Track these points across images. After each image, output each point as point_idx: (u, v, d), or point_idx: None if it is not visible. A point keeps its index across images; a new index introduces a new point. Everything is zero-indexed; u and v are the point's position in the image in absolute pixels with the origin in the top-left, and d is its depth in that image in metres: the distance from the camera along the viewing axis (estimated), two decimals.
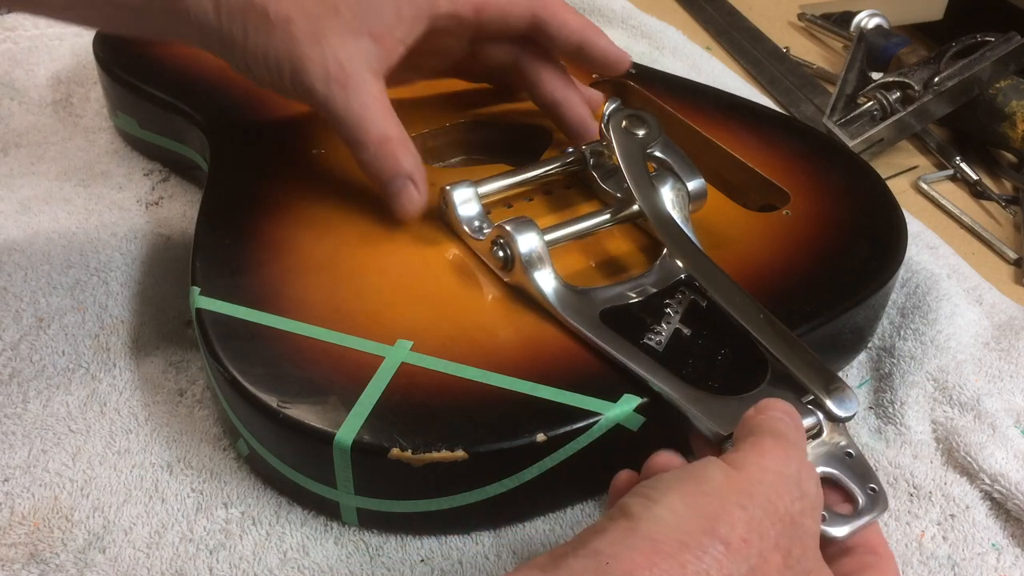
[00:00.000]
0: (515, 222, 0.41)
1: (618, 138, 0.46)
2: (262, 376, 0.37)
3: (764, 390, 0.37)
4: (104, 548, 0.37)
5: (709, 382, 0.37)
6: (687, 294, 0.41)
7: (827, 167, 0.52)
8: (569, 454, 0.36)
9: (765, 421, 0.31)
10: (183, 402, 0.43)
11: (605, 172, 0.47)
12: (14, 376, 0.44)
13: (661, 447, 0.40)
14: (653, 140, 0.46)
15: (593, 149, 0.48)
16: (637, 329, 0.39)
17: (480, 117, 0.55)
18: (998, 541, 0.39)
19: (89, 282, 0.49)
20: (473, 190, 0.44)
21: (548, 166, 0.48)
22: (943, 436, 0.43)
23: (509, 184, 0.47)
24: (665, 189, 0.44)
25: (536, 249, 0.40)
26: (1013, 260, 0.56)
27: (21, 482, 0.39)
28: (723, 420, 0.35)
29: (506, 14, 0.45)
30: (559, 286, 0.40)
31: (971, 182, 0.62)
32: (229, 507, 0.39)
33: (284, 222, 0.45)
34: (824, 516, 0.31)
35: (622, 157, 0.45)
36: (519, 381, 0.37)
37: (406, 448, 0.35)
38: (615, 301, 0.41)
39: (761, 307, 0.39)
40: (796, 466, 0.30)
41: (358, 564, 0.37)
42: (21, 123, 0.61)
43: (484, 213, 0.44)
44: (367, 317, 0.40)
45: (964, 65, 0.62)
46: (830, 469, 0.34)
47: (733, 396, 0.37)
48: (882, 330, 0.48)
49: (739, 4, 0.82)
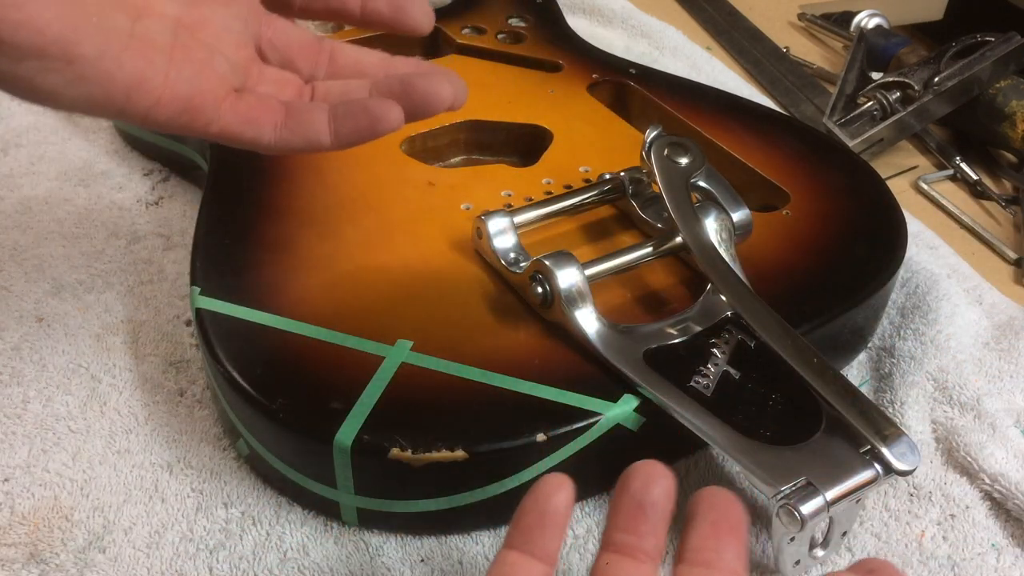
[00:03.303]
0: (554, 256, 0.39)
1: (660, 166, 0.44)
2: (262, 376, 0.37)
3: (819, 440, 0.35)
4: (104, 548, 0.37)
5: (761, 430, 0.35)
6: (734, 333, 0.39)
7: (827, 167, 0.52)
8: (569, 454, 0.36)
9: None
10: (183, 402, 0.43)
11: (644, 201, 0.46)
12: (14, 376, 0.44)
13: (661, 447, 0.40)
14: (696, 169, 0.44)
15: (632, 176, 0.46)
16: (683, 371, 0.37)
17: (480, 117, 0.55)
18: (998, 541, 0.39)
19: (89, 282, 0.49)
20: (509, 220, 0.43)
21: (585, 194, 0.46)
22: (943, 436, 0.43)
23: (545, 213, 0.45)
24: (709, 221, 0.42)
25: (576, 285, 0.38)
26: (1013, 260, 0.56)
27: (21, 482, 0.39)
28: (778, 473, 0.34)
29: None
30: (601, 327, 0.39)
31: (971, 182, 0.62)
32: (229, 507, 0.39)
33: (284, 222, 0.45)
34: None
35: (664, 187, 0.43)
36: (519, 381, 0.37)
37: (406, 448, 0.35)
38: (658, 340, 0.39)
39: (815, 350, 0.37)
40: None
41: (358, 564, 0.37)
42: (21, 123, 0.61)
43: (520, 245, 0.42)
44: (367, 317, 0.40)
45: (964, 65, 0.62)
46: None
47: (787, 446, 0.35)
48: (882, 330, 0.48)
49: (739, 4, 0.82)
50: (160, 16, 0.33)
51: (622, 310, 0.42)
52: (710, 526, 0.30)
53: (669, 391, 0.37)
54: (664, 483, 0.30)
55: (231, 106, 0.33)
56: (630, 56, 0.65)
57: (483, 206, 0.46)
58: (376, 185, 0.48)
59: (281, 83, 0.36)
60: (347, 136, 0.34)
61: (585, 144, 0.53)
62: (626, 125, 0.55)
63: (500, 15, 0.66)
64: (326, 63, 0.37)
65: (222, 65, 0.34)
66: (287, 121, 0.34)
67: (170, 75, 0.32)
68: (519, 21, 0.66)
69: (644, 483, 0.30)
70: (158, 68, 0.32)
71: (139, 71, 0.31)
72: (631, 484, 0.30)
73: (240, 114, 0.33)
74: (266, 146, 0.34)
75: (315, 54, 0.37)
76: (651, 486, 0.30)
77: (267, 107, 0.34)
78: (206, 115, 0.33)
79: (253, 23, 0.36)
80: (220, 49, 0.34)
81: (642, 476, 0.30)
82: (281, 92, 0.36)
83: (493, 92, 0.57)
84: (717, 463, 0.41)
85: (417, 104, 0.35)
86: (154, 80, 0.31)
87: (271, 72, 0.36)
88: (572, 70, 0.60)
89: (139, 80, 0.31)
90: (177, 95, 0.32)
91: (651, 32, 0.75)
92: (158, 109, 0.32)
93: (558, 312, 0.39)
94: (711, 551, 0.29)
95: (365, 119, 0.34)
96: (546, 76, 0.60)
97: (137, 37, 0.31)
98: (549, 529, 0.30)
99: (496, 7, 0.67)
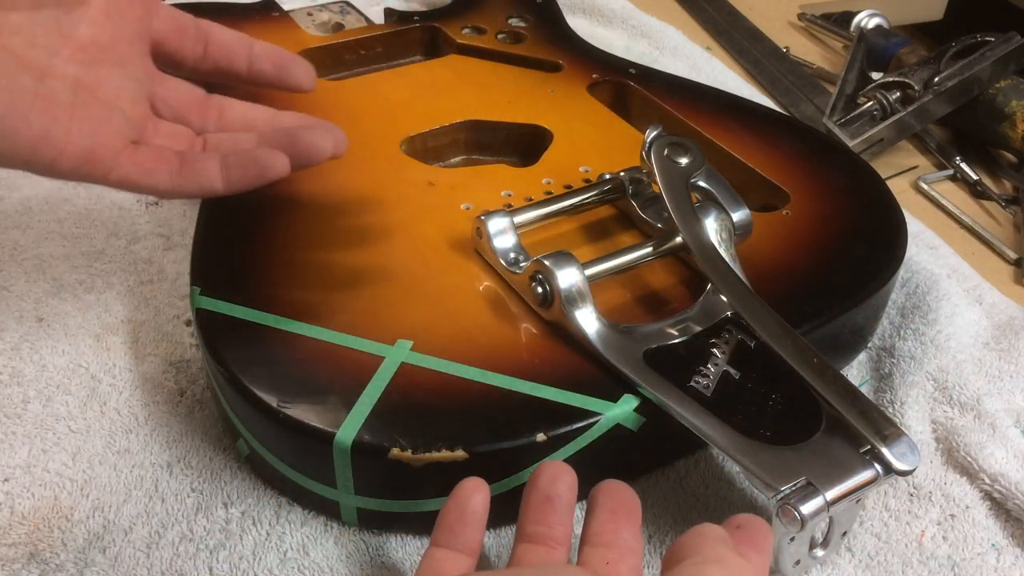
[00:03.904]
0: (554, 256, 0.39)
1: (660, 166, 0.44)
2: (262, 376, 0.37)
3: (819, 440, 0.35)
4: (104, 548, 0.37)
5: (761, 430, 0.35)
6: (734, 333, 0.39)
7: (827, 167, 0.52)
8: (569, 454, 0.36)
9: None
10: (183, 402, 0.43)
11: (644, 201, 0.46)
12: (14, 376, 0.44)
13: (661, 447, 0.41)
14: (696, 169, 0.44)
15: (632, 176, 0.46)
16: (683, 371, 0.37)
17: (480, 117, 0.55)
18: (998, 541, 0.39)
19: (89, 282, 0.49)
20: (509, 220, 0.43)
21: (585, 194, 0.46)
22: (943, 436, 0.43)
23: (545, 213, 0.45)
24: (709, 221, 0.42)
25: (577, 285, 0.39)
26: (1013, 260, 0.56)
27: (21, 482, 0.39)
28: (778, 473, 0.34)
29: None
30: (601, 327, 0.39)
31: (971, 182, 0.62)
32: (229, 507, 0.39)
33: (284, 222, 0.45)
34: None
35: (664, 187, 0.43)
36: (519, 381, 0.37)
37: (406, 448, 0.35)
38: (657, 340, 0.39)
39: (815, 350, 0.37)
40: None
41: (358, 564, 0.37)
42: None
43: (520, 245, 0.42)
44: (367, 317, 0.40)
45: (964, 65, 0.62)
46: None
47: (787, 446, 0.35)
48: (882, 330, 0.48)
49: (739, 4, 0.82)
50: (62, 77, 0.36)
51: (622, 310, 0.42)
52: (608, 512, 0.33)
53: (669, 391, 0.37)
54: (567, 478, 0.34)
55: (129, 157, 0.37)
56: (630, 56, 0.65)
57: (483, 206, 0.46)
58: (376, 185, 0.48)
59: (175, 136, 0.40)
60: (238, 182, 0.38)
61: (585, 144, 0.53)
62: (626, 125, 0.55)
63: (500, 15, 0.66)
64: (216, 117, 0.41)
65: (120, 120, 0.37)
66: (182, 170, 0.37)
67: (72, 130, 0.35)
68: (519, 21, 0.66)
69: (551, 479, 0.34)
70: (61, 124, 0.35)
71: (44, 127, 0.34)
72: (539, 481, 0.34)
73: (138, 164, 0.37)
74: (163, 192, 0.37)
75: (205, 109, 0.41)
76: (556, 482, 0.34)
77: (162, 158, 0.37)
78: (105, 165, 0.36)
79: (147, 82, 0.40)
80: (117, 106, 0.37)
81: (548, 474, 0.34)
82: (175, 143, 0.39)
83: (493, 92, 0.57)
84: (717, 463, 0.41)
85: (301, 154, 0.39)
86: (57, 135, 0.34)
87: (165, 126, 0.40)
88: (572, 70, 0.60)
89: (44, 136, 0.34)
90: (79, 148, 0.35)
91: (651, 32, 0.75)
92: (61, 161, 0.35)
93: (558, 312, 0.39)
94: (610, 533, 0.33)
95: (254, 167, 0.38)
96: (546, 76, 0.60)
97: (41, 96, 0.35)
98: (469, 526, 0.33)
99: (496, 7, 0.68)
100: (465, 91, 0.57)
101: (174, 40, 0.41)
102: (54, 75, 0.36)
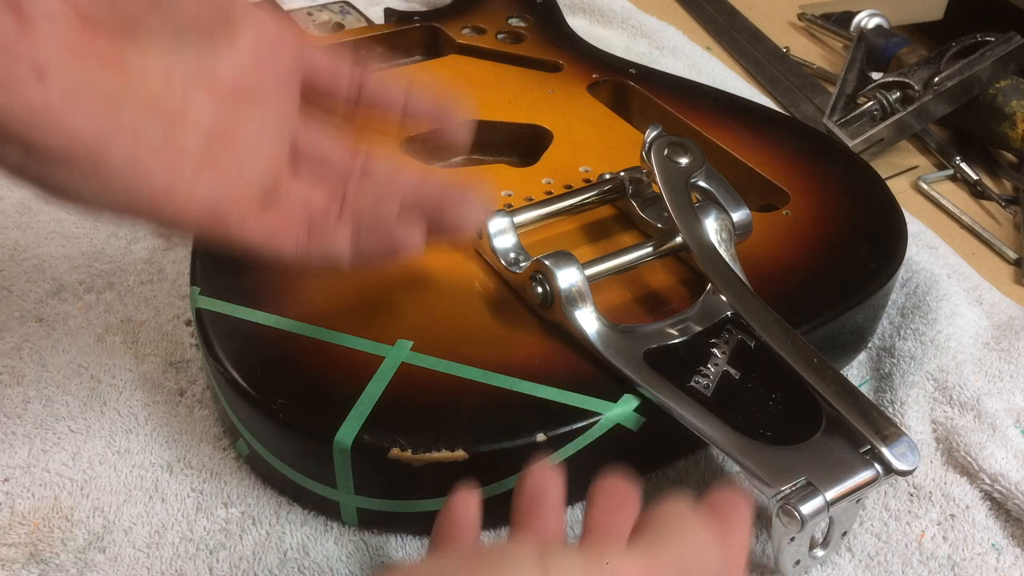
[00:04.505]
0: (554, 256, 0.39)
1: (660, 166, 0.44)
2: (262, 376, 0.37)
3: (819, 440, 0.35)
4: (104, 548, 0.37)
5: (761, 430, 0.35)
6: (734, 333, 0.39)
7: (827, 167, 0.52)
8: (569, 454, 0.36)
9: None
10: (183, 402, 0.43)
11: (644, 201, 0.46)
12: (14, 376, 0.44)
13: (661, 447, 0.40)
14: (696, 169, 0.44)
15: (632, 176, 0.46)
16: (683, 371, 0.38)
17: (480, 117, 0.55)
18: (998, 541, 0.39)
19: (89, 282, 0.49)
20: (509, 220, 0.43)
21: (585, 194, 0.46)
22: (943, 436, 0.43)
23: (545, 213, 0.45)
24: (709, 221, 0.42)
25: (576, 284, 0.39)
26: (1013, 260, 0.56)
27: (21, 482, 0.39)
28: (778, 473, 0.34)
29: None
30: (601, 327, 0.39)
31: (971, 182, 0.62)
32: (229, 507, 0.39)
33: None
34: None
35: (664, 187, 0.43)
36: (519, 381, 0.37)
37: (406, 448, 0.35)
38: (657, 340, 0.39)
39: (815, 350, 0.37)
40: None
41: (358, 564, 0.37)
42: None
43: (520, 245, 0.42)
44: (367, 317, 0.40)
45: (964, 65, 0.62)
46: None
47: (787, 446, 0.35)
48: (882, 330, 0.48)
49: (739, 4, 0.82)
50: (195, 124, 0.32)
51: (622, 310, 0.42)
52: (607, 500, 0.33)
53: (669, 391, 0.37)
54: (555, 477, 0.33)
55: (256, 219, 0.33)
56: (630, 56, 0.65)
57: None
58: None
59: (308, 200, 0.36)
60: (366, 258, 0.35)
61: (585, 144, 0.53)
62: (626, 125, 0.55)
63: (500, 15, 0.66)
64: (360, 171, 0.37)
65: (251, 175, 0.34)
66: (309, 238, 0.34)
67: (197, 185, 0.32)
68: (519, 21, 0.66)
69: (538, 479, 0.33)
70: (185, 178, 0.31)
71: (166, 181, 0.31)
72: (526, 482, 0.33)
73: (265, 227, 0.34)
74: (286, 260, 0.34)
75: (348, 164, 0.37)
76: (544, 481, 0.33)
77: (291, 225, 0.34)
78: (230, 225, 0.33)
79: (290, 126, 0.36)
80: (253, 155, 0.34)
81: (535, 474, 0.33)
82: (311, 196, 0.36)
83: (493, 92, 0.57)
84: (717, 463, 0.41)
85: (444, 230, 0.36)
86: (180, 190, 0.31)
87: (299, 187, 0.36)
88: (572, 70, 0.60)
89: (165, 190, 0.31)
90: (202, 206, 0.32)
91: (651, 32, 0.75)
92: (183, 217, 0.32)
93: (558, 312, 0.39)
94: (607, 525, 0.32)
95: (387, 244, 0.35)
96: (546, 76, 0.60)
97: (168, 147, 0.31)
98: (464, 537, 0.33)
99: (496, 7, 0.68)
100: (465, 91, 0.57)
101: (325, 83, 0.37)
102: (187, 122, 0.32)
